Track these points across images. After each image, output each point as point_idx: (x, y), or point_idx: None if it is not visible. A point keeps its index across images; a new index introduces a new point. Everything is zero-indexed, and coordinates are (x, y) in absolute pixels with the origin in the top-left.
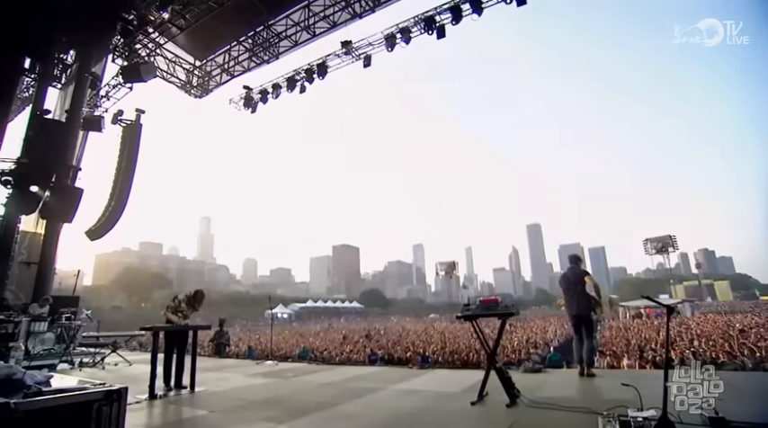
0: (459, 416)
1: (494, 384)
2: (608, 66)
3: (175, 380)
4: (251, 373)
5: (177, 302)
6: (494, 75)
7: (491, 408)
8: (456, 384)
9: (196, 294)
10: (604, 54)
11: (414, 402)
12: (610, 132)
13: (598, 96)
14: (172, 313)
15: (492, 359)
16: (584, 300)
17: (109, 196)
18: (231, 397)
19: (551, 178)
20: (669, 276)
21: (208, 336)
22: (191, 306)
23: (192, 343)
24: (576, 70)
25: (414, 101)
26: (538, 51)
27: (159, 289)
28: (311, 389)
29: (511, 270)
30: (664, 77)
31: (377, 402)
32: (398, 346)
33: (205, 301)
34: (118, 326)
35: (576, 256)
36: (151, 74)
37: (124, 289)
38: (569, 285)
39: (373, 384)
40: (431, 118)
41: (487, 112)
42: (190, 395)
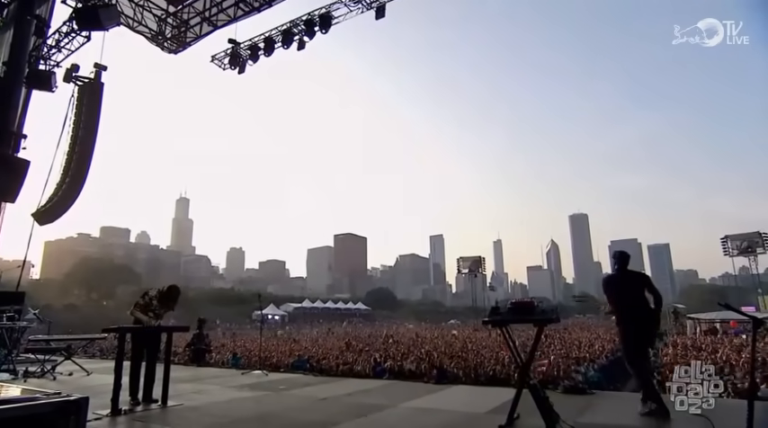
0: None
1: (526, 405)
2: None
3: (144, 393)
4: (236, 385)
5: (148, 299)
6: (528, 41)
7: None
8: (480, 403)
9: (170, 290)
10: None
11: (429, 423)
12: (682, 99)
13: None
14: (141, 312)
15: (525, 374)
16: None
17: (62, 170)
18: (211, 413)
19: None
20: (756, 284)
21: (184, 341)
22: (164, 304)
23: (165, 349)
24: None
25: (436, 68)
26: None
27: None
28: (307, 405)
29: (549, 268)
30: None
31: (384, 422)
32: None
33: (181, 299)
34: (73, 329)
35: (623, 253)
36: (113, 20)
37: (81, 284)
38: (620, 291)
39: (380, 400)
40: (456, 85)
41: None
42: (161, 410)
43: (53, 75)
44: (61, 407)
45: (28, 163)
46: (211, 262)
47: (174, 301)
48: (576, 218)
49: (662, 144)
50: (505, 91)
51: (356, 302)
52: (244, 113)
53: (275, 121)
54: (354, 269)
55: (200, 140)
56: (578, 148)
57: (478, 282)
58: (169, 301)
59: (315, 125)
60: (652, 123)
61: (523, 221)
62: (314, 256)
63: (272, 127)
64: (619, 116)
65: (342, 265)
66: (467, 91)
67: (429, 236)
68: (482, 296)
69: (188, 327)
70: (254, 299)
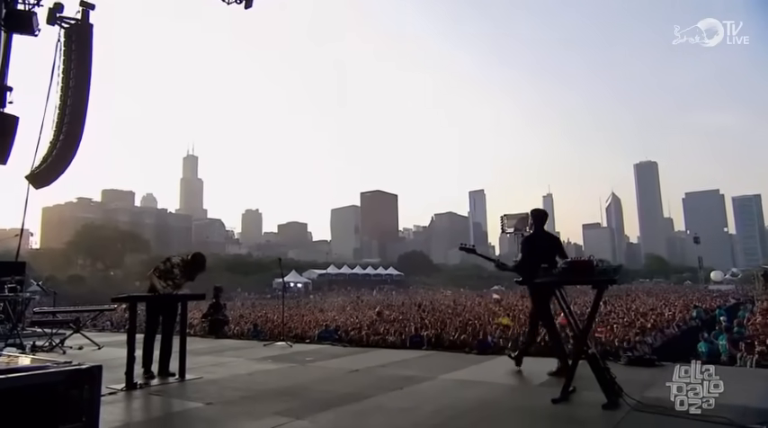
0: (536, 418)
1: (583, 378)
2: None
3: (160, 366)
4: (258, 357)
5: (170, 265)
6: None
7: (580, 409)
8: (529, 375)
9: (195, 258)
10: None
11: (472, 396)
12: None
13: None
14: (159, 277)
15: (583, 343)
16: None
17: (55, 126)
18: (233, 387)
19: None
20: None
21: (198, 312)
22: (186, 274)
23: (180, 319)
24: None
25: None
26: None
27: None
28: (337, 377)
29: (609, 226)
30: None
31: (423, 395)
32: (450, 326)
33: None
34: (79, 301)
35: (541, 211)
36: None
37: (85, 253)
38: (533, 250)
39: (417, 372)
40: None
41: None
42: (179, 383)
43: (33, 16)
44: (74, 376)
45: (16, 119)
46: (225, 226)
47: (198, 271)
48: (642, 166)
49: (747, 76)
50: (557, 16)
51: (387, 267)
52: (254, 60)
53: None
54: (384, 230)
55: (206, 90)
56: (645, 84)
57: None
58: (193, 271)
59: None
60: (733, 52)
61: (579, 172)
62: (339, 217)
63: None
64: (694, 44)
65: (370, 227)
66: (511, 18)
67: (468, 191)
68: None
69: (204, 295)
70: (273, 266)
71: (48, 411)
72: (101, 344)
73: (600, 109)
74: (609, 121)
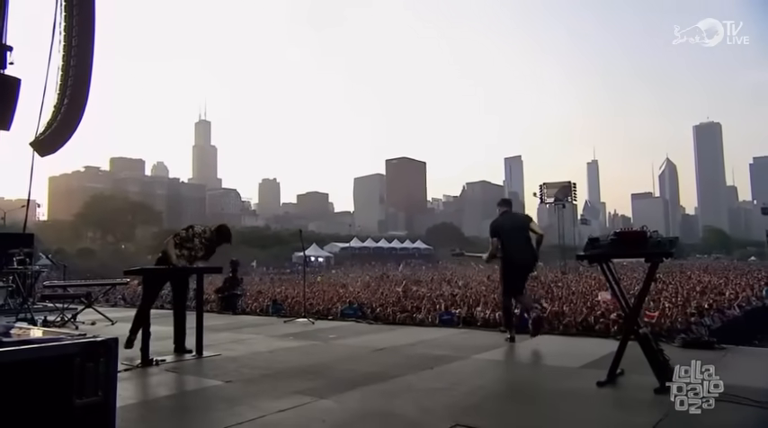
0: (580, 402)
1: (633, 359)
2: None
3: (176, 342)
4: (278, 334)
5: (191, 234)
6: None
7: (629, 393)
8: (573, 356)
9: (220, 229)
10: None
11: (509, 378)
12: None
13: None
14: (176, 245)
15: (633, 321)
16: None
17: (59, 89)
18: (252, 365)
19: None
20: None
21: (213, 286)
22: (205, 246)
23: (196, 293)
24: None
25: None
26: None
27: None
28: (362, 356)
29: (662, 196)
30: None
31: (455, 375)
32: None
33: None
34: (90, 274)
35: (507, 201)
36: None
37: (94, 225)
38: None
39: (448, 351)
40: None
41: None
42: (197, 360)
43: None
44: (89, 348)
45: (18, 81)
46: (241, 196)
47: (222, 242)
48: (703, 128)
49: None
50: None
51: (414, 240)
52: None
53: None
54: (411, 201)
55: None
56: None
57: (567, 214)
58: (217, 243)
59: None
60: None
61: (628, 136)
62: (362, 187)
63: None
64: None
65: (396, 197)
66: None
67: (504, 158)
68: (572, 232)
69: (221, 268)
70: (293, 239)
71: (63, 384)
72: (114, 320)
73: (651, 64)
74: (663, 78)
